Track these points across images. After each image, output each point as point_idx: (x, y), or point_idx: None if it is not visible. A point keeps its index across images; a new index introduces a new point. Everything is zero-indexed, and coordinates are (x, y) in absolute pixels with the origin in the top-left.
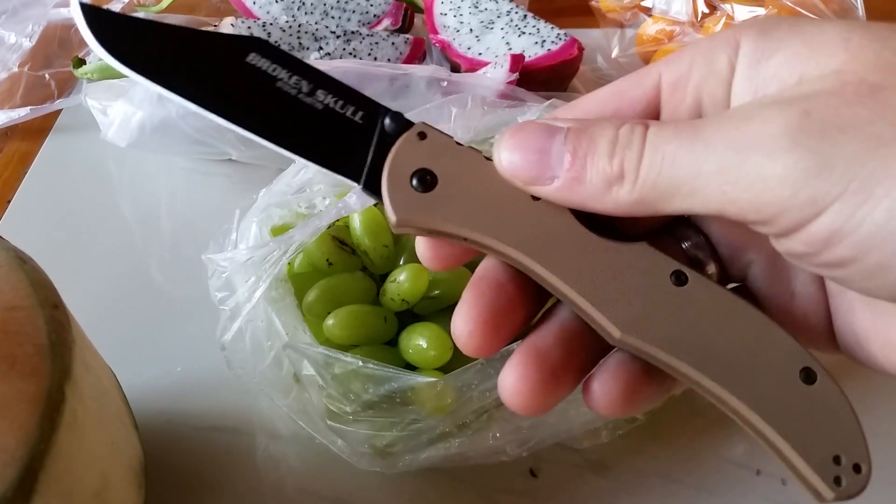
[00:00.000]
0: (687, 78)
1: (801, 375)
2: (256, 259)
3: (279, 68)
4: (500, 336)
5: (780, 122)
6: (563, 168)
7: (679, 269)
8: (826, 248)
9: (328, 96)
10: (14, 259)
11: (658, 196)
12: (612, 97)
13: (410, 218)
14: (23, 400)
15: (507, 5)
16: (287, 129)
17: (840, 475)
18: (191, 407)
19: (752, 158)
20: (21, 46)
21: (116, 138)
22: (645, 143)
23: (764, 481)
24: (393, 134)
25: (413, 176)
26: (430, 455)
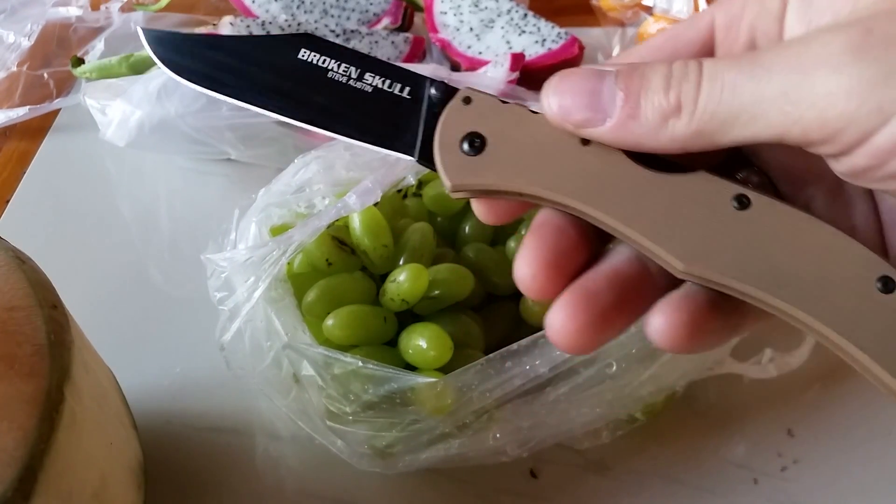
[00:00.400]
0: (740, 17)
1: (878, 285)
2: (256, 259)
3: (328, 59)
4: (562, 277)
5: (841, 40)
6: (617, 106)
7: (741, 193)
8: (892, 157)
9: (376, 77)
10: (13, 259)
11: (717, 126)
12: (666, 42)
13: (464, 181)
14: (22, 400)
15: (507, 4)
16: (343, 116)
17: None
18: (190, 407)
19: (815, 76)
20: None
21: (115, 138)
22: (702, 73)
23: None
24: (439, 103)
25: (463, 140)
26: (430, 456)
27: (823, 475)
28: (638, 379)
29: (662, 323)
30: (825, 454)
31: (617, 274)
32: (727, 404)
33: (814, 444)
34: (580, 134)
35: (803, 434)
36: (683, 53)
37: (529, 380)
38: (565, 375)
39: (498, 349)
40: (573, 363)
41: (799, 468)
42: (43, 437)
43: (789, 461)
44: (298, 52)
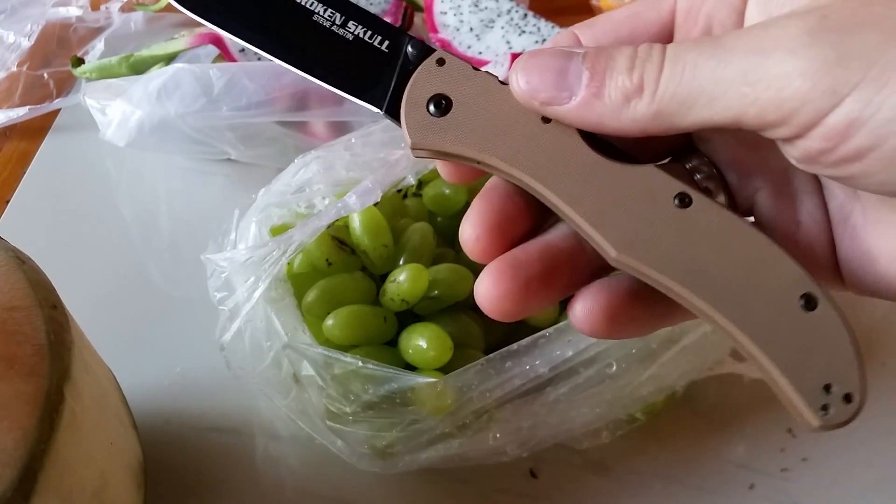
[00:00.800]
0: (700, 4)
1: (801, 301)
2: (256, 259)
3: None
4: (504, 243)
5: (798, 24)
6: (582, 85)
7: (684, 191)
8: (844, 139)
9: (358, 27)
10: (13, 259)
11: (677, 107)
12: (628, 18)
13: (424, 141)
14: (22, 400)
15: (507, 4)
16: (320, 59)
17: (829, 403)
18: (190, 407)
19: (773, 57)
20: (20, 46)
21: (115, 138)
22: (665, 55)
23: (764, 481)
24: (415, 61)
25: (430, 101)
26: (430, 456)
27: (823, 475)
28: (638, 379)
29: (582, 308)
30: (825, 454)
31: (549, 248)
32: (727, 404)
33: (814, 444)
34: (545, 112)
35: (803, 434)
36: (642, 33)
37: (529, 380)
38: (565, 375)
39: (498, 349)
40: (573, 363)
41: (799, 468)
42: (43, 437)
43: (789, 461)
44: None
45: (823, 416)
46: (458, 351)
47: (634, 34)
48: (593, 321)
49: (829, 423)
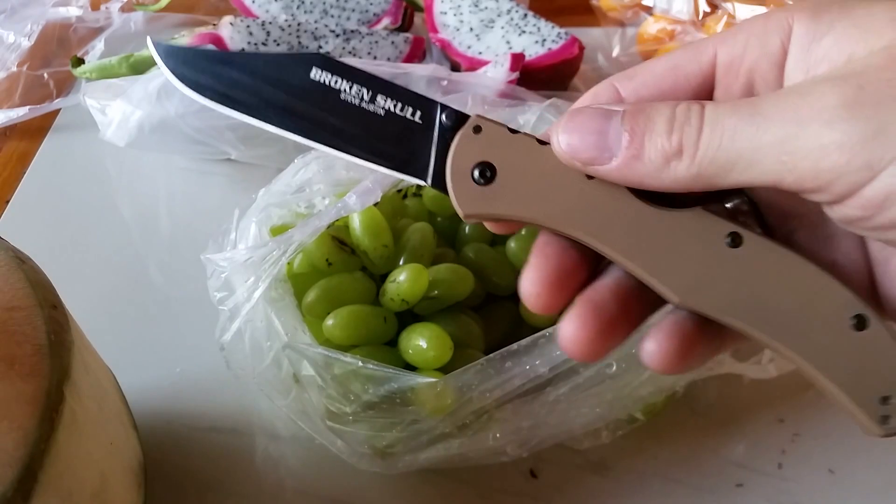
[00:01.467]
0: (741, 59)
1: (853, 322)
2: (256, 259)
3: (341, 80)
4: (565, 295)
5: (836, 95)
6: (622, 147)
7: (734, 231)
8: (881, 210)
9: (388, 100)
10: (13, 259)
11: (717, 170)
12: (668, 71)
13: (476, 210)
14: (22, 400)
15: (507, 4)
16: (356, 138)
17: (888, 414)
18: (190, 407)
19: (810, 128)
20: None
21: (115, 138)
22: (703, 119)
23: (764, 481)
24: (450, 129)
25: (474, 169)
26: (430, 456)
27: (823, 475)
28: (638, 379)
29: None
30: (825, 454)
31: (619, 286)
32: (727, 404)
33: (814, 444)
34: (587, 171)
35: (803, 434)
36: (683, 86)
37: (529, 380)
38: (565, 375)
39: (498, 349)
40: (573, 363)
41: (799, 468)
42: (43, 437)
43: (789, 461)
44: (311, 71)
45: (884, 426)
46: (458, 351)
47: (676, 88)
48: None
49: (890, 431)
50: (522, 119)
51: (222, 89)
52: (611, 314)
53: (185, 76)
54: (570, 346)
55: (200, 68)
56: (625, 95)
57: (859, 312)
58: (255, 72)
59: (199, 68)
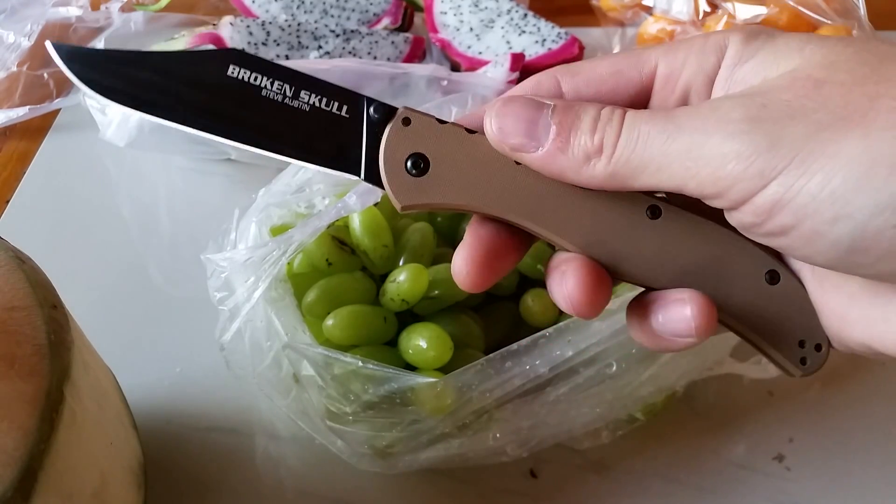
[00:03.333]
0: (679, 73)
1: (766, 277)
2: (256, 259)
3: (260, 76)
4: (493, 275)
5: (740, 110)
6: (549, 138)
7: (653, 204)
8: (770, 216)
9: (312, 96)
10: (13, 259)
11: (629, 171)
12: (610, 75)
13: (412, 201)
14: (22, 400)
15: (507, 4)
16: (282, 136)
17: (805, 356)
18: (190, 407)
19: (714, 139)
20: (20, 46)
21: (115, 138)
22: (623, 122)
23: (764, 481)
24: (379, 123)
25: (406, 161)
26: (430, 456)
27: (823, 475)
28: (638, 379)
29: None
30: (825, 454)
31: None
32: (727, 404)
33: (814, 444)
34: (514, 157)
35: (803, 434)
36: (622, 91)
37: (529, 380)
38: (565, 375)
39: (498, 349)
40: (573, 363)
41: (799, 468)
42: (43, 437)
43: (789, 461)
44: (227, 68)
45: (803, 367)
46: (458, 351)
47: (615, 91)
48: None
49: (808, 370)
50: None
51: (134, 91)
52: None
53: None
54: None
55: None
56: (565, 90)
57: (771, 268)
58: (167, 71)
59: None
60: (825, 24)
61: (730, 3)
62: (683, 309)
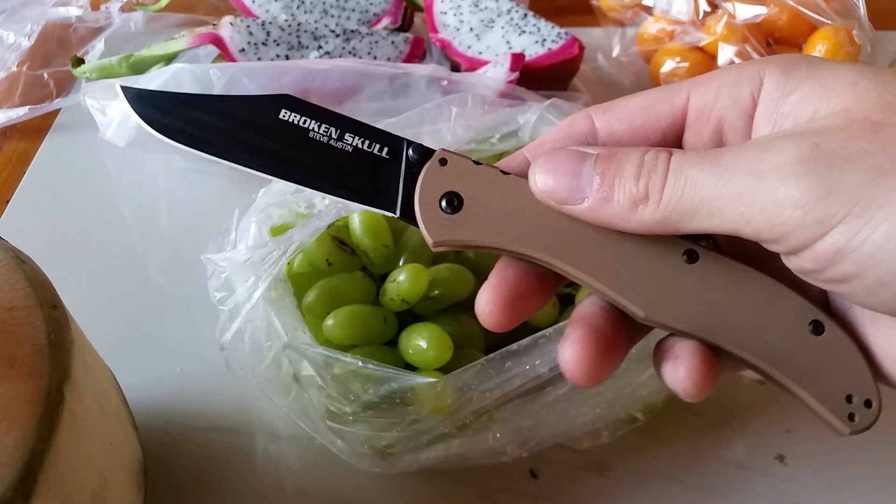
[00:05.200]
0: (712, 106)
1: (811, 328)
2: (256, 259)
3: (309, 119)
4: (517, 317)
5: (794, 151)
6: (593, 189)
7: (690, 248)
8: (831, 265)
9: (355, 138)
10: (13, 259)
11: (679, 216)
12: (642, 110)
13: (444, 238)
14: (22, 400)
15: (507, 4)
16: (326, 174)
17: (853, 412)
18: (190, 407)
19: (767, 183)
20: (20, 46)
21: (115, 138)
22: (669, 167)
23: (764, 481)
24: (417, 163)
25: (441, 199)
26: (430, 456)
27: (823, 475)
28: (638, 379)
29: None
30: (825, 454)
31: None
32: (727, 404)
33: (814, 444)
34: (561, 210)
35: (803, 434)
36: (654, 125)
37: (529, 380)
38: None
39: (498, 349)
40: None
41: (799, 468)
42: (43, 437)
43: (789, 461)
44: (279, 112)
45: (852, 424)
46: (458, 351)
47: (647, 125)
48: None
49: (857, 428)
50: (522, 119)
51: (192, 132)
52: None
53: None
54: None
55: (171, 112)
56: (598, 127)
57: (815, 318)
58: (224, 114)
59: (170, 112)
60: (825, 23)
61: (730, 3)
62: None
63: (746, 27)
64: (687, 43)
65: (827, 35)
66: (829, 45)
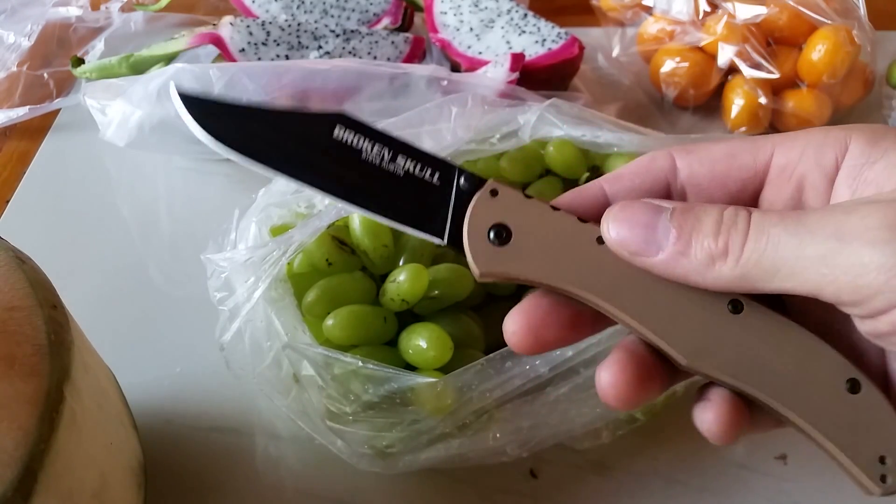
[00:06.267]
0: (795, 165)
1: (847, 386)
2: (256, 259)
3: (363, 139)
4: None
5: (879, 216)
6: (669, 242)
7: (736, 298)
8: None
9: (408, 161)
10: (13, 259)
11: (760, 274)
12: (725, 157)
13: (490, 270)
14: (22, 400)
15: (507, 4)
16: (375, 195)
17: (886, 473)
18: (190, 407)
19: (852, 246)
20: (20, 46)
21: (115, 138)
22: (750, 225)
23: (764, 481)
24: (467, 192)
25: (490, 231)
26: (430, 456)
27: (823, 475)
28: None
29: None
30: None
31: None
32: None
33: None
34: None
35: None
36: (735, 175)
37: (529, 380)
38: (565, 375)
39: (498, 349)
40: (573, 363)
41: (799, 468)
42: (43, 437)
43: (789, 461)
44: (333, 130)
45: (883, 485)
46: (458, 351)
47: (728, 174)
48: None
49: (888, 490)
50: (522, 119)
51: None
52: (646, 363)
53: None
54: (608, 390)
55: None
56: (679, 167)
57: (853, 377)
58: (277, 126)
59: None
60: (825, 23)
61: (730, 3)
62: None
63: (746, 27)
64: (687, 43)
65: (827, 35)
66: (829, 45)
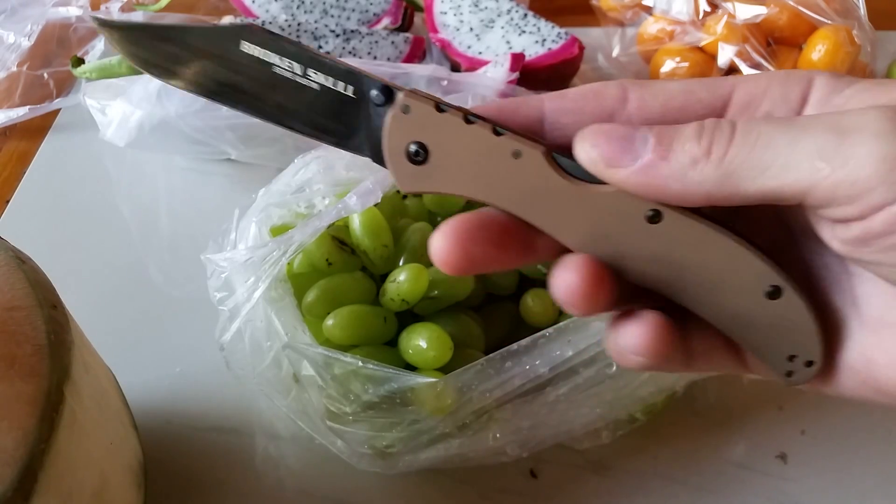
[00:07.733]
0: (759, 101)
1: (768, 291)
2: (256, 259)
3: (271, 53)
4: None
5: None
6: (648, 148)
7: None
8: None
9: (319, 74)
10: (13, 259)
11: (747, 171)
12: (681, 93)
13: (414, 187)
14: (22, 400)
15: (507, 4)
16: (296, 113)
17: (793, 370)
18: (190, 407)
19: (853, 137)
20: (20, 46)
21: (115, 138)
22: (736, 128)
23: (764, 481)
24: (381, 106)
25: (408, 149)
26: (430, 456)
27: (824, 475)
28: (638, 379)
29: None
30: (825, 454)
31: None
32: (727, 404)
33: (814, 444)
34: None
35: (803, 434)
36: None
37: (529, 380)
38: (565, 375)
39: (498, 349)
40: (573, 363)
41: (799, 468)
42: (43, 437)
43: (789, 461)
44: (240, 44)
45: (789, 379)
46: (458, 351)
47: (685, 108)
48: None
49: (791, 383)
50: None
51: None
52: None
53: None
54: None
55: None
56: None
57: (775, 283)
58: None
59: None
60: (825, 23)
61: (730, 3)
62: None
63: (746, 27)
64: (687, 43)
65: (827, 35)
66: (829, 45)
